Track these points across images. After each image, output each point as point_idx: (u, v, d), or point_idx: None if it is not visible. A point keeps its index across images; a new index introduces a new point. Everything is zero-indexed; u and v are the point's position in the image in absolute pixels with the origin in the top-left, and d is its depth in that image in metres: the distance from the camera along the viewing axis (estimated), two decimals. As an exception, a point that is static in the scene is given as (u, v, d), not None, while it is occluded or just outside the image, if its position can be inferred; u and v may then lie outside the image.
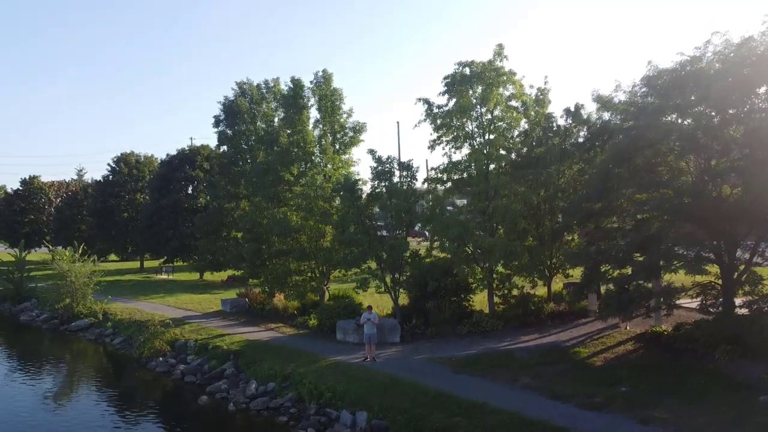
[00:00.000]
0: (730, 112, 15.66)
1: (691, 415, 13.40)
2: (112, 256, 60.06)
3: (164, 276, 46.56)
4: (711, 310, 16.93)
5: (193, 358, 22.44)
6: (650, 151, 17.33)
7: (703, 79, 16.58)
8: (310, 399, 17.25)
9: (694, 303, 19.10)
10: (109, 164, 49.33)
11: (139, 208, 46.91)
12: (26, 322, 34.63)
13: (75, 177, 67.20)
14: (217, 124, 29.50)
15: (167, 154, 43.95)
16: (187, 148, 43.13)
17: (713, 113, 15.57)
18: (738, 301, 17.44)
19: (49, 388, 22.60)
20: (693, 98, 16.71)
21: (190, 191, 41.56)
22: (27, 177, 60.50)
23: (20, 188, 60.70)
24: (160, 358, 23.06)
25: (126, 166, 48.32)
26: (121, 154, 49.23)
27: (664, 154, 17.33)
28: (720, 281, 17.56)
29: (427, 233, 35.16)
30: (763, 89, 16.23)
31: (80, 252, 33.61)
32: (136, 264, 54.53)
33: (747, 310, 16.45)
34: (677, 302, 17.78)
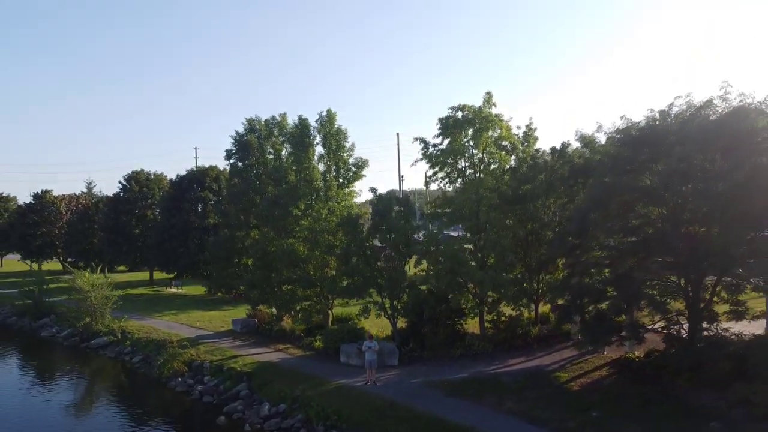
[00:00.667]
0: (689, 169, 17.68)
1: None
2: (121, 267, 62.16)
3: (174, 289, 48.69)
4: (674, 342, 18.98)
5: (209, 379, 24.54)
6: (621, 199, 19.42)
7: (667, 138, 18.70)
8: (318, 420, 19.34)
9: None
10: (120, 182, 51.47)
11: (150, 224, 48.98)
12: (47, 337, 36.76)
13: (85, 190, 69.17)
14: (228, 156, 31.74)
15: (177, 175, 46.09)
16: (195, 169, 45.27)
17: (674, 170, 17.61)
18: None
19: (74, 402, 24.86)
20: (657, 155, 18.82)
21: (199, 209, 43.53)
22: (39, 191, 62.69)
23: (32, 201, 62.84)
24: (179, 378, 25.18)
25: (137, 184, 50.47)
26: (132, 172, 51.42)
27: (633, 202, 19.40)
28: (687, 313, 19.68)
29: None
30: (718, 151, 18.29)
31: (98, 270, 35.60)
32: (145, 275, 56.53)
33: (705, 342, 18.53)
34: (654, 326, 19.94)
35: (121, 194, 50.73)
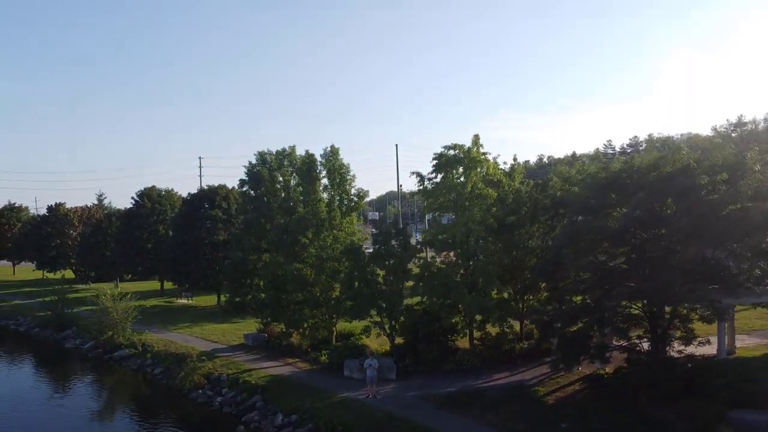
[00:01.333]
0: (646, 216, 20.57)
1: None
2: (129, 275, 64.86)
3: (184, 300, 51.55)
4: (634, 362, 21.89)
5: (227, 391, 27.38)
6: (590, 237, 22.32)
7: (629, 186, 21.62)
8: (326, 430, 22.22)
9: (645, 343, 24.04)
10: (133, 197, 54.36)
11: (161, 239, 51.85)
12: (71, 349, 39.63)
13: (96, 201, 72.07)
14: (242, 185, 34.61)
15: (188, 193, 48.92)
16: (206, 187, 48.18)
17: (633, 216, 20.51)
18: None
19: (103, 411, 27.77)
20: (621, 200, 21.75)
21: (209, 226, 46.31)
22: (54, 203, 65.56)
23: (47, 214, 65.72)
24: (200, 390, 28.04)
25: (149, 200, 53.36)
26: (144, 189, 54.35)
27: (600, 241, 22.31)
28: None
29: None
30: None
31: (117, 290, 38.38)
32: (155, 284, 59.18)
33: (660, 363, 21.44)
34: (621, 346, 22.82)
35: (135, 210, 53.62)
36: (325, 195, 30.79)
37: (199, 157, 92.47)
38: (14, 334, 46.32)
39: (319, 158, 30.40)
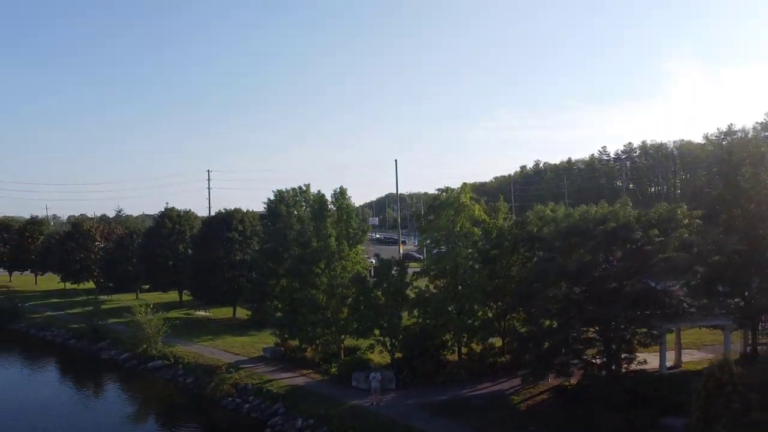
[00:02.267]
0: (594, 261, 25.51)
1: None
2: (145, 285, 69.72)
3: (203, 312, 56.48)
4: (588, 377, 26.85)
5: (253, 399, 32.31)
6: (554, 276, 27.27)
7: (585, 234, 26.57)
8: (340, 434, 27.17)
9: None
10: (155, 217, 59.26)
11: (181, 256, 56.81)
12: (107, 359, 44.53)
13: (114, 214, 77.04)
14: (261, 218, 39.48)
15: (206, 216, 53.80)
16: (224, 210, 53.22)
17: (585, 261, 25.43)
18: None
19: (146, 415, 32.56)
20: (579, 245, 26.70)
21: (226, 246, 51.20)
22: (76, 219, 70.43)
23: (71, 230, 70.66)
24: (229, 398, 32.97)
25: (170, 221, 58.35)
26: (165, 209, 59.32)
27: (562, 278, 27.25)
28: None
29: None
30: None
31: (151, 311, 43.15)
32: (174, 295, 63.76)
33: (608, 378, 26.41)
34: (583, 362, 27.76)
35: (156, 229, 58.63)
36: (334, 230, 35.69)
37: (208, 171, 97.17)
38: (51, 344, 51.22)
39: (330, 199, 35.36)
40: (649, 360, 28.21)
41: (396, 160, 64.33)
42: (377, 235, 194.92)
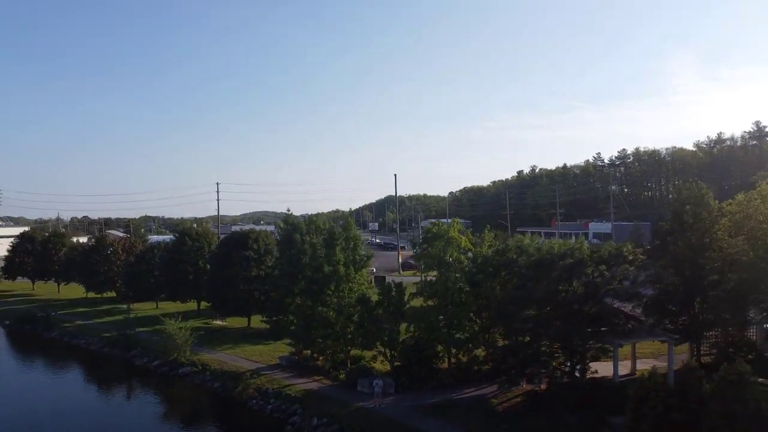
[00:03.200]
0: (555, 290, 31.28)
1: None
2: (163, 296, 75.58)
3: (220, 322, 62.27)
4: (552, 384, 32.67)
5: (274, 401, 38.11)
6: (526, 300, 33.09)
7: (549, 267, 32.40)
8: (348, 430, 32.95)
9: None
10: (174, 234, 65.08)
11: (200, 271, 62.67)
12: (140, 366, 50.32)
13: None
14: (277, 244, 45.21)
15: (224, 235, 59.65)
16: (239, 229, 59.09)
17: (548, 289, 31.21)
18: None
19: (179, 414, 38.44)
20: (546, 274, 32.53)
21: (243, 263, 57.01)
22: (100, 234, 76.19)
23: (94, 243, 76.49)
24: (254, 400, 38.76)
25: (190, 239, 64.23)
26: (184, 228, 65.21)
27: (531, 302, 33.06)
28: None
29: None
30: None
31: (180, 323, 48.97)
32: (192, 305, 69.45)
33: (568, 384, 32.23)
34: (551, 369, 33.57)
35: (177, 246, 64.59)
36: (342, 256, 41.58)
37: (217, 183, 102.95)
38: (86, 352, 56.97)
39: (338, 229, 41.21)
40: (610, 369, 34.18)
41: (395, 174, 70.17)
42: (377, 240, 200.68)
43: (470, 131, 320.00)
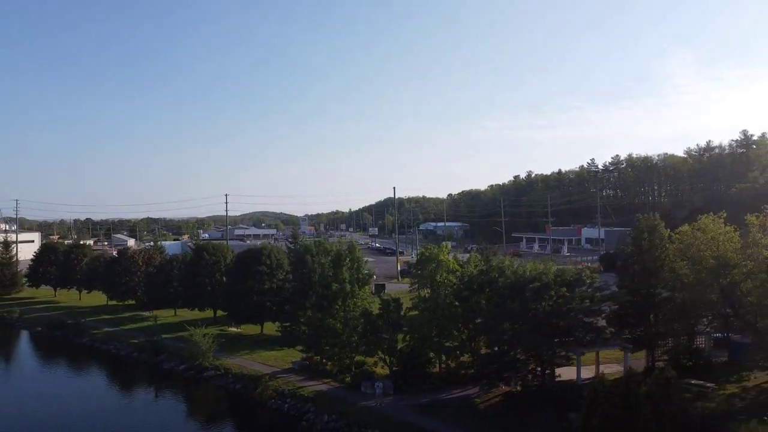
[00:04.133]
0: (522, 309, 37.59)
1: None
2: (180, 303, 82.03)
3: (235, 329, 68.59)
4: (524, 386, 39.01)
5: (290, 401, 44.40)
6: (503, 316, 39.44)
7: (522, 289, 38.75)
8: (353, 425, 39.27)
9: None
10: (191, 247, 71.46)
11: (217, 283, 69.10)
12: (168, 370, 56.60)
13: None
14: (290, 264, 51.52)
15: (238, 254, 66.13)
16: (253, 247, 65.49)
17: (520, 308, 37.52)
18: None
19: (207, 412, 44.79)
20: (519, 294, 38.88)
21: (257, 277, 63.39)
22: (122, 247, 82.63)
23: (117, 255, 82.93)
24: (272, 400, 45.07)
25: (207, 254, 70.70)
26: (201, 243, 71.65)
27: (506, 317, 39.41)
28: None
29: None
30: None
31: (205, 331, 55.35)
32: (209, 313, 75.74)
33: (537, 387, 38.57)
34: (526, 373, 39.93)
35: (195, 260, 71.09)
36: (347, 274, 47.99)
37: (226, 195, 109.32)
38: (116, 356, 63.29)
39: (345, 251, 47.58)
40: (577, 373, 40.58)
41: (394, 187, 76.04)
42: (377, 245, 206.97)
43: (470, 131, 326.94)
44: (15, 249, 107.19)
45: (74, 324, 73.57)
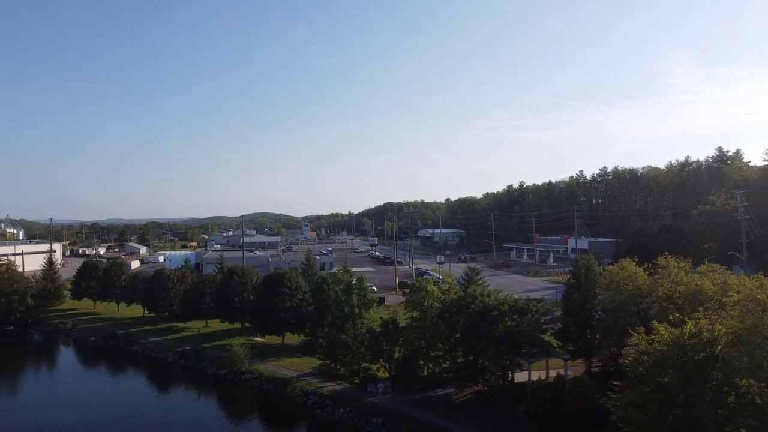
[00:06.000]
0: (492, 326, 51.25)
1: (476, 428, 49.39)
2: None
3: (260, 339, 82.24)
4: (488, 386, 52.72)
5: (313, 398, 58.07)
6: (474, 334, 53.10)
7: (487, 314, 52.46)
8: (362, 416, 52.95)
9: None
10: (220, 268, 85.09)
11: (245, 300, 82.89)
12: (211, 374, 70.19)
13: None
14: (309, 288, 65.27)
15: (264, 277, 79.93)
16: (278, 271, 79.24)
17: (489, 324, 51.15)
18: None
19: (247, 406, 58.62)
20: (482, 318, 52.60)
21: (280, 297, 77.11)
22: (160, 269, 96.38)
23: (155, 275, 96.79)
24: (299, 397, 58.72)
25: (236, 276, 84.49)
26: (231, 267, 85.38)
27: (474, 335, 53.08)
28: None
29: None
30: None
31: (243, 341, 69.01)
32: (236, 324, 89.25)
33: (500, 387, 52.27)
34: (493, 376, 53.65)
35: (226, 281, 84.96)
36: (355, 299, 61.75)
37: (242, 215, 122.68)
38: (165, 363, 76.87)
39: (353, 281, 61.34)
40: (533, 375, 54.28)
41: (393, 205, 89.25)
42: (377, 254, 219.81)
43: (471, 132, 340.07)
44: (57, 265, 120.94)
45: (125, 334, 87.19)
